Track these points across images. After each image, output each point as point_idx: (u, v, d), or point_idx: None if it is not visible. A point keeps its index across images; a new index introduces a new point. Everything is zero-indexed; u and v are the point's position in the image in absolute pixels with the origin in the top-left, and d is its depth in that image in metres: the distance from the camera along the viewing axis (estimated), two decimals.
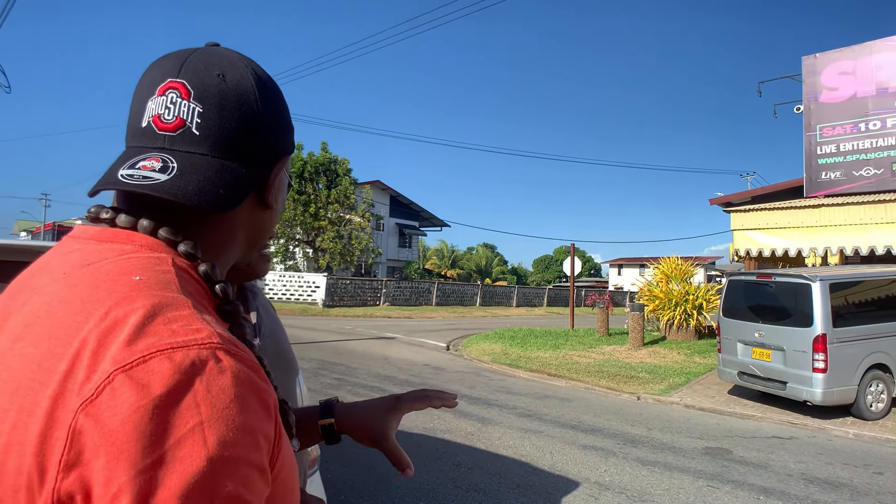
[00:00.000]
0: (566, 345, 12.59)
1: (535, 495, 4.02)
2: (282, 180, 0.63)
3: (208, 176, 0.53)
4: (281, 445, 0.49)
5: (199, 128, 0.54)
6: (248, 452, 0.41)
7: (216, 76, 0.55)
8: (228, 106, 0.55)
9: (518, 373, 9.64)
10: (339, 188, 25.84)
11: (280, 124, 0.60)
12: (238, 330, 0.54)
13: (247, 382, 0.42)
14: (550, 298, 36.79)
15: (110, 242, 0.51)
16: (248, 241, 0.62)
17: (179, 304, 0.44)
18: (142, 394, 0.38)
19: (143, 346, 0.40)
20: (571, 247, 16.02)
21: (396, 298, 27.15)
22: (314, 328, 15.64)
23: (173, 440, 0.38)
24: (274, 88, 0.60)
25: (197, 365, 0.40)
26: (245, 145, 0.56)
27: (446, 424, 5.81)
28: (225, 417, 0.40)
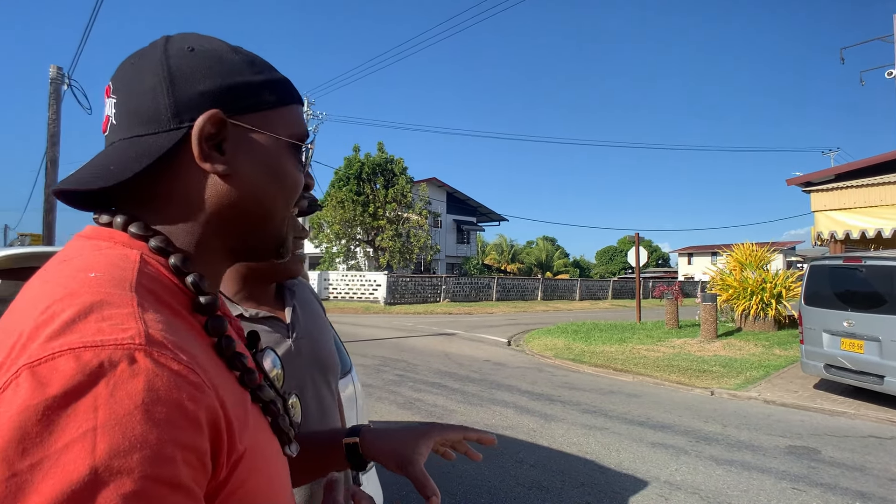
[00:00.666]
0: (633, 338, 12.13)
1: (601, 494, 3.82)
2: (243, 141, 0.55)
3: (107, 157, 0.53)
4: (240, 459, 0.46)
5: (115, 117, 0.54)
6: (152, 466, 0.37)
7: (129, 64, 0.55)
8: (132, 85, 0.54)
9: (582, 368, 9.36)
10: (395, 187, 26.15)
11: (199, 81, 0.53)
12: (215, 323, 0.51)
13: (164, 389, 0.39)
14: (615, 291, 35.80)
15: (94, 239, 0.51)
16: (227, 217, 0.55)
17: (121, 301, 0.42)
18: (36, 392, 0.36)
19: (58, 343, 0.38)
20: (636, 236, 15.43)
21: (456, 294, 27.19)
22: (376, 325, 15.86)
23: (60, 444, 0.35)
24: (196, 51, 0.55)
25: (105, 366, 0.37)
26: (152, 115, 0.52)
27: (508, 421, 5.67)
28: (124, 425, 0.36)
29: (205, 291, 0.51)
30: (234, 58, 0.56)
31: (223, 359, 0.51)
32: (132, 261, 0.48)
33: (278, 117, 0.58)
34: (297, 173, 0.60)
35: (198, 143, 0.52)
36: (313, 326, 1.22)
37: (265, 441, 0.53)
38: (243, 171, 0.55)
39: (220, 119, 0.52)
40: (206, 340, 0.50)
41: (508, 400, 6.67)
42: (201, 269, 0.54)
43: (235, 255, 0.58)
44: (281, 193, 0.58)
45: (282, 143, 0.58)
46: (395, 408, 6.14)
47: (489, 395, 6.89)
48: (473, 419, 5.72)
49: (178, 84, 0.52)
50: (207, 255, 0.55)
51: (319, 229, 26.79)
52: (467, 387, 7.41)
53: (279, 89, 0.59)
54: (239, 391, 0.51)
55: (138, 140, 0.52)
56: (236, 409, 0.47)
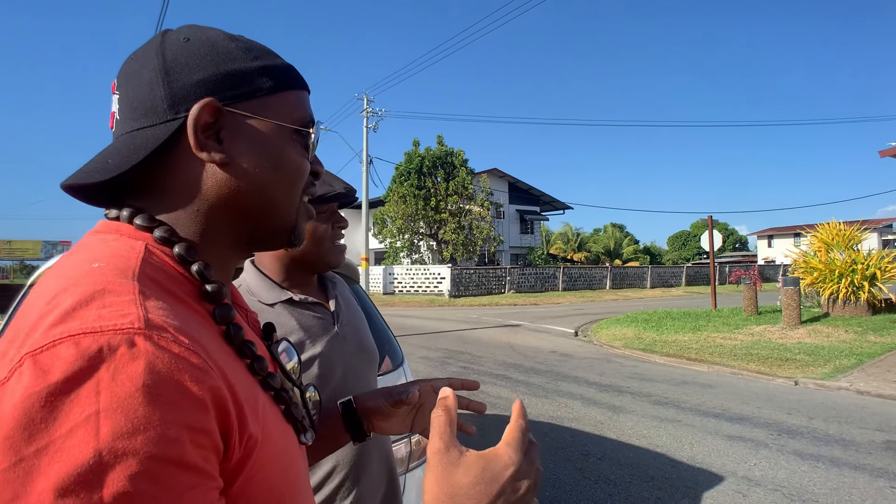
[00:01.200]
0: (708, 326, 11.57)
1: (672, 489, 3.65)
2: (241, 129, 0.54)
3: (107, 151, 0.53)
4: (255, 444, 0.46)
5: (120, 112, 0.55)
6: (157, 446, 0.37)
7: (130, 61, 0.56)
8: (131, 80, 0.54)
9: (653, 358, 9.02)
10: (456, 180, 26.16)
11: (193, 71, 0.53)
12: (222, 311, 0.51)
13: (165, 371, 0.39)
14: (689, 277, 34.32)
15: (102, 233, 0.52)
16: (233, 207, 0.55)
17: (122, 290, 0.43)
18: (39, 379, 0.36)
19: (58, 331, 0.39)
20: (709, 219, 14.66)
21: (521, 285, 26.95)
22: (441, 318, 15.98)
23: (65, 429, 0.35)
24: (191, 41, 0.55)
25: (105, 351, 0.38)
26: (149, 108, 0.53)
27: (574, 413, 5.55)
28: (126, 407, 0.37)
29: (210, 280, 0.51)
30: (230, 45, 0.55)
31: (232, 346, 0.51)
32: (136, 251, 0.48)
33: (278, 103, 0.57)
34: (301, 159, 0.59)
35: (193, 132, 0.51)
36: (354, 317, 1.26)
37: (279, 429, 0.53)
38: (243, 160, 0.54)
39: (215, 107, 0.52)
40: (215, 329, 0.51)
41: (575, 391, 6.53)
42: (208, 258, 0.54)
43: (245, 244, 0.58)
44: (283, 181, 0.57)
45: (283, 130, 0.57)
46: None
47: (555, 387, 6.77)
48: (538, 411, 5.64)
49: (173, 74, 0.52)
50: (214, 245, 0.55)
51: (383, 225, 27.26)
52: (532, 378, 7.32)
53: (278, 75, 0.57)
54: (249, 378, 0.51)
55: (137, 133, 0.52)
56: (246, 394, 0.47)
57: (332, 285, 1.25)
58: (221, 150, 0.53)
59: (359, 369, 1.19)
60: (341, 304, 1.23)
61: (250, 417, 0.46)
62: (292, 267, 1.18)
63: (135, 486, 0.36)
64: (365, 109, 26.12)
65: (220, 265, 0.56)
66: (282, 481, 0.50)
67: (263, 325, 0.66)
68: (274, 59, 0.58)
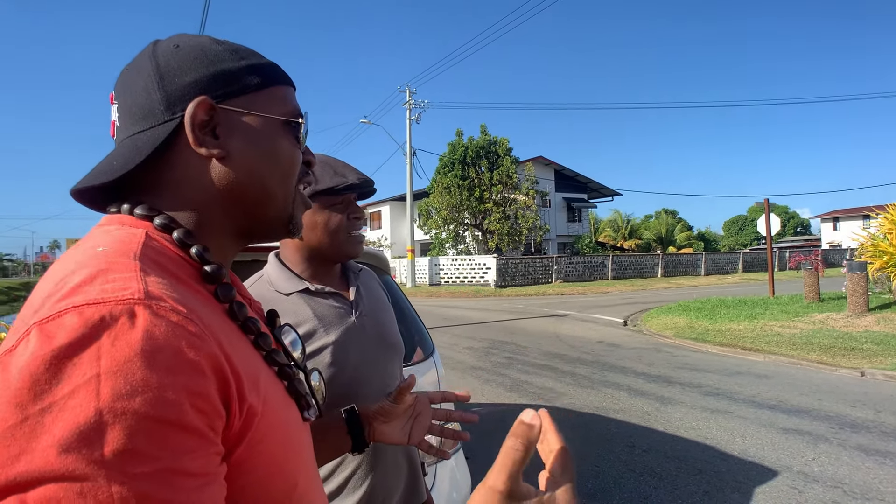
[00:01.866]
0: (765, 314, 11.07)
1: (721, 483, 3.52)
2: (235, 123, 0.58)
3: (111, 155, 0.57)
4: (254, 413, 0.48)
5: (119, 120, 0.58)
6: (155, 407, 0.39)
7: (125, 71, 0.59)
8: (128, 88, 0.58)
9: (705, 347, 8.72)
10: (500, 169, 25.95)
11: (186, 73, 0.57)
12: (223, 290, 0.55)
13: (162, 337, 0.41)
14: (746, 264, 32.95)
15: (105, 225, 0.55)
16: (230, 199, 0.58)
17: (125, 268, 0.46)
18: (45, 344, 0.39)
19: (64, 303, 0.41)
20: (765, 202, 13.99)
21: (569, 274, 26.55)
22: (486, 308, 15.95)
23: (67, 390, 0.38)
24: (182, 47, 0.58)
25: (106, 320, 0.40)
26: (147, 111, 0.56)
27: (620, 404, 5.43)
28: (125, 370, 0.39)
29: (209, 261, 0.54)
30: (218, 48, 0.59)
31: (237, 323, 0.55)
32: (138, 237, 0.51)
33: (267, 98, 0.60)
34: (294, 150, 0.63)
35: (191, 129, 0.55)
36: (377, 307, 1.26)
37: (281, 402, 0.55)
38: (238, 153, 0.58)
39: (209, 105, 0.56)
40: (219, 307, 0.54)
41: (622, 382, 6.39)
42: (210, 249, 0.57)
43: (243, 234, 0.62)
44: (277, 171, 0.61)
45: (274, 122, 0.60)
46: (502, 390, 6.12)
47: (601, 378, 6.65)
48: (583, 402, 5.55)
49: (167, 78, 0.56)
50: (213, 235, 0.58)
51: (427, 216, 27.36)
52: (578, 369, 7.21)
53: (264, 72, 0.61)
54: (252, 352, 0.54)
55: (138, 136, 0.56)
56: (246, 366, 0.49)
57: (355, 276, 1.26)
58: (218, 144, 0.56)
59: (377, 360, 1.19)
60: (362, 295, 1.24)
61: (249, 388, 0.48)
62: (312, 258, 1.19)
63: (133, 445, 0.37)
64: (407, 101, 26.24)
65: (220, 255, 0.59)
66: (282, 453, 0.52)
67: (267, 312, 0.70)
68: (259, 59, 0.62)
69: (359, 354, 1.16)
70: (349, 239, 1.19)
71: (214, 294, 0.54)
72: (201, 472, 0.41)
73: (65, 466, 0.36)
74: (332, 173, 1.16)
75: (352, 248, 1.20)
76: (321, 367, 1.09)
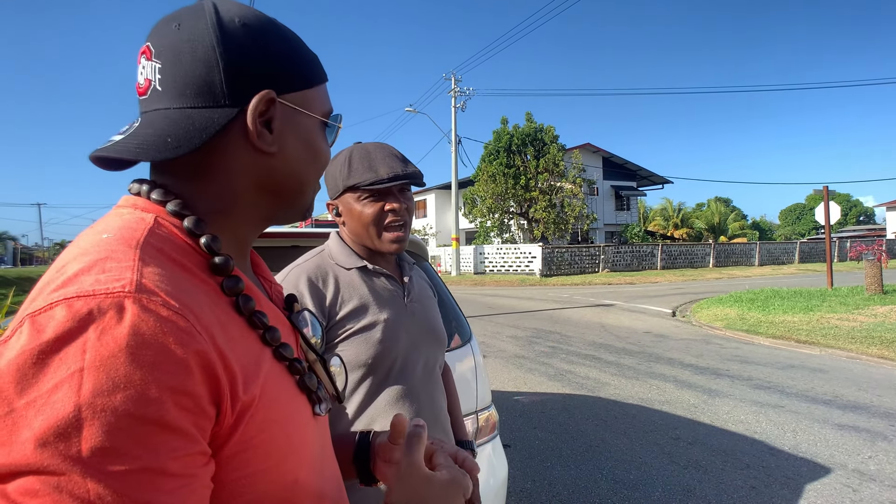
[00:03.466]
0: (822, 306, 10.59)
1: (770, 479, 3.44)
2: (289, 120, 0.58)
3: (160, 127, 0.52)
4: (248, 408, 0.47)
5: (160, 83, 0.54)
6: (136, 405, 0.39)
7: (173, 28, 0.54)
8: (182, 54, 0.53)
9: (757, 339, 8.44)
10: (547, 157, 25.60)
11: (252, 60, 0.54)
12: (230, 283, 0.53)
13: (149, 333, 0.41)
14: (803, 254, 31.53)
15: (121, 207, 0.54)
16: (265, 190, 0.58)
17: (123, 257, 0.45)
18: (34, 337, 0.39)
19: (57, 294, 0.41)
20: (825, 190, 13.32)
21: (616, 264, 26.07)
22: (531, 297, 15.87)
23: (51, 384, 0.38)
24: (246, 25, 0.55)
25: (94, 313, 0.40)
26: (205, 89, 0.53)
27: (665, 396, 5.35)
28: (108, 366, 0.38)
29: (218, 252, 0.53)
30: (280, 37, 0.57)
31: (244, 317, 0.53)
32: (145, 223, 0.50)
33: (315, 96, 0.61)
34: (327, 148, 0.64)
35: (253, 122, 0.54)
36: (425, 298, 1.31)
37: (286, 397, 0.54)
38: (287, 149, 0.58)
39: (271, 98, 0.55)
40: (226, 299, 0.52)
41: (668, 374, 6.28)
42: (227, 233, 0.56)
43: (267, 220, 0.61)
44: (314, 168, 0.62)
45: (316, 121, 0.61)
46: (545, 379, 6.13)
47: (647, 369, 6.55)
48: (627, 393, 5.49)
49: (233, 60, 0.53)
50: (239, 221, 0.58)
51: (473, 204, 27.32)
52: (623, 359, 7.12)
53: (316, 68, 0.61)
54: (256, 347, 0.52)
55: (191, 112, 0.53)
56: (244, 361, 0.48)
57: (409, 266, 1.32)
58: (273, 140, 0.56)
59: (422, 346, 1.23)
60: (414, 284, 1.29)
61: (245, 385, 0.47)
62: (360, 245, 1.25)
63: (112, 443, 0.37)
64: (453, 89, 26.16)
65: (237, 240, 0.58)
66: (281, 448, 0.51)
67: (286, 297, 0.69)
68: (309, 52, 0.61)
69: (407, 337, 1.20)
70: (383, 233, 1.20)
71: (221, 286, 0.52)
72: (182, 472, 0.41)
73: (41, 461, 0.36)
74: (367, 167, 1.18)
75: (386, 245, 1.21)
76: (371, 343, 1.13)
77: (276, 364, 0.54)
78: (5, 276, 28.85)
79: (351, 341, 1.14)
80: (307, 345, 0.65)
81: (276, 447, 0.50)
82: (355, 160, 1.19)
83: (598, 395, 5.42)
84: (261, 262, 0.68)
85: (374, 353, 1.14)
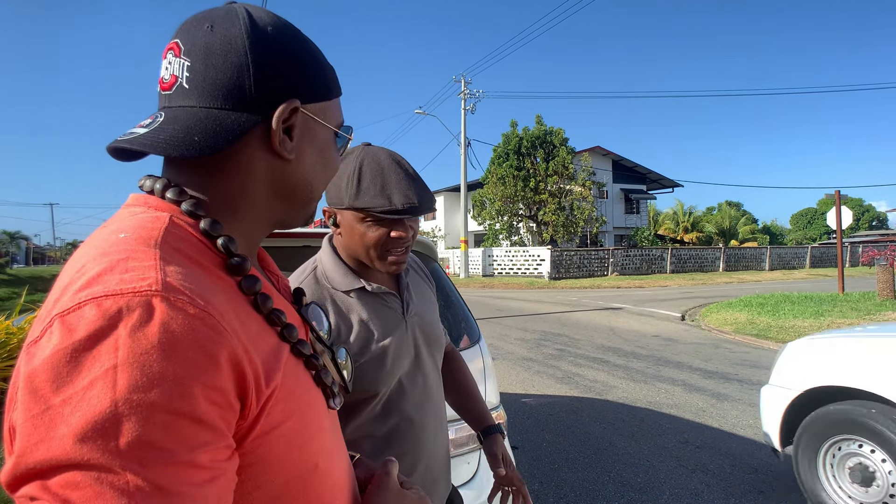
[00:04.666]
0: (833, 311, 10.51)
1: (776, 483, 3.44)
2: (307, 129, 0.60)
3: (187, 125, 0.53)
4: (269, 400, 0.49)
5: (188, 81, 0.54)
6: (171, 400, 0.40)
7: (205, 28, 0.55)
8: (214, 56, 0.54)
9: (766, 344, 8.40)
10: (556, 159, 25.60)
11: (281, 68, 0.56)
12: (248, 283, 0.54)
13: (179, 330, 0.42)
14: (814, 259, 31.32)
15: (133, 206, 0.54)
16: (278, 195, 0.60)
17: (144, 257, 0.45)
18: (66, 337, 0.40)
19: (84, 294, 0.42)
20: (836, 194, 13.22)
21: (625, 268, 25.99)
22: (539, 300, 15.86)
23: (87, 381, 0.39)
24: (276, 34, 0.56)
25: (124, 311, 0.41)
26: (234, 92, 0.54)
27: (674, 399, 5.35)
28: (142, 363, 0.40)
29: (234, 253, 0.54)
30: (306, 48, 0.59)
31: (261, 315, 0.54)
32: (161, 222, 0.51)
33: (332, 107, 0.63)
34: (338, 159, 0.67)
35: (277, 128, 0.55)
36: (422, 304, 1.27)
37: (304, 391, 0.56)
38: (303, 157, 0.60)
39: (296, 107, 0.56)
40: (243, 298, 0.53)
41: (677, 377, 6.27)
42: (236, 234, 0.57)
43: (275, 224, 0.63)
44: (325, 177, 0.64)
45: (331, 132, 0.63)
46: (553, 381, 6.13)
47: (655, 372, 6.54)
48: (635, 396, 5.49)
49: (263, 67, 0.55)
50: (248, 224, 0.59)
51: (482, 207, 27.34)
52: (631, 363, 7.12)
53: (334, 81, 0.63)
54: (275, 343, 0.54)
55: (217, 114, 0.54)
56: (265, 356, 0.50)
57: (405, 272, 1.25)
58: (293, 147, 0.58)
59: (425, 357, 1.22)
60: (411, 293, 1.23)
61: (268, 379, 0.49)
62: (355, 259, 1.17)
63: (148, 437, 0.39)
64: (462, 92, 26.20)
65: (247, 240, 0.59)
66: (301, 437, 0.53)
67: (294, 290, 0.71)
68: (329, 65, 0.63)
69: (411, 354, 1.17)
70: (382, 256, 1.12)
71: (239, 285, 0.53)
72: (211, 465, 0.42)
73: (81, 455, 0.37)
74: (379, 189, 1.07)
75: (385, 266, 1.13)
76: (378, 374, 1.09)
77: (293, 359, 0.56)
78: (18, 275, 29.20)
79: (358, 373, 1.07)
80: (316, 337, 0.67)
81: (297, 437, 0.52)
82: (366, 177, 1.07)
83: (607, 399, 5.43)
84: (266, 256, 0.69)
85: (379, 382, 1.10)
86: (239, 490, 0.47)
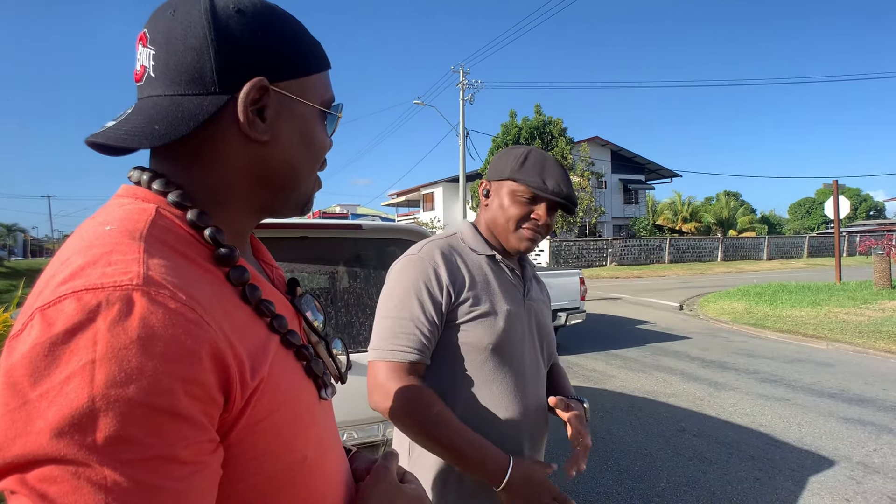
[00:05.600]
0: (830, 301, 10.56)
1: (774, 471, 3.47)
2: (284, 108, 0.56)
3: (150, 115, 0.52)
4: (255, 392, 0.48)
5: (154, 70, 0.53)
6: (149, 395, 0.39)
7: (168, 14, 0.53)
8: (174, 41, 0.52)
9: (764, 333, 8.45)
10: (555, 150, 25.52)
11: (246, 46, 0.53)
12: (236, 273, 0.53)
13: (159, 325, 0.41)
14: (812, 248, 31.37)
15: (122, 197, 0.54)
16: (260, 181, 0.57)
17: (128, 250, 0.45)
18: (45, 331, 0.39)
19: (65, 287, 0.41)
20: (834, 184, 13.23)
21: (624, 258, 26.02)
22: None
23: (64, 376, 0.38)
24: (241, 12, 0.54)
25: (103, 305, 0.40)
26: (196, 76, 0.52)
27: (671, 388, 5.39)
28: (120, 357, 0.39)
29: (222, 244, 0.53)
30: (278, 23, 0.56)
31: (250, 306, 0.53)
32: (147, 214, 0.50)
33: (314, 84, 0.59)
34: (325, 138, 0.62)
35: (244, 110, 0.53)
36: (540, 301, 1.35)
37: (293, 382, 0.55)
38: (281, 138, 0.56)
39: (264, 86, 0.53)
40: (231, 288, 0.52)
41: (674, 367, 6.31)
42: (224, 223, 0.56)
43: (262, 211, 0.60)
44: (310, 158, 0.61)
45: (314, 110, 0.60)
46: None
47: (653, 362, 6.58)
48: (633, 385, 5.53)
49: (224, 47, 0.52)
50: (234, 211, 0.57)
51: None
52: (629, 352, 7.15)
53: (315, 56, 0.59)
54: (263, 334, 0.53)
55: (180, 100, 0.52)
56: (252, 348, 0.49)
57: (531, 268, 1.36)
58: (265, 129, 0.55)
59: (537, 343, 1.27)
60: (532, 284, 1.33)
61: (254, 371, 0.48)
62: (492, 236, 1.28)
63: (126, 432, 0.38)
64: (461, 82, 26.06)
65: (235, 230, 0.58)
66: (289, 430, 0.52)
67: (288, 280, 0.69)
68: (311, 38, 0.59)
69: (525, 331, 1.23)
70: (516, 234, 1.23)
71: (227, 276, 0.52)
72: (192, 459, 0.42)
73: (58, 450, 0.37)
74: (538, 171, 1.20)
75: (515, 241, 1.24)
76: (495, 330, 1.16)
77: (282, 350, 0.55)
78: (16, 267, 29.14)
79: (475, 324, 1.16)
80: (310, 327, 0.66)
81: (284, 429, 0.52)
82: (531, 160, 1.22)
83: (605, 388, 5.46)
84: (262, 246, 0.68)
85: (496, 340, 1.16)
86: (224, 482, 0.47)
